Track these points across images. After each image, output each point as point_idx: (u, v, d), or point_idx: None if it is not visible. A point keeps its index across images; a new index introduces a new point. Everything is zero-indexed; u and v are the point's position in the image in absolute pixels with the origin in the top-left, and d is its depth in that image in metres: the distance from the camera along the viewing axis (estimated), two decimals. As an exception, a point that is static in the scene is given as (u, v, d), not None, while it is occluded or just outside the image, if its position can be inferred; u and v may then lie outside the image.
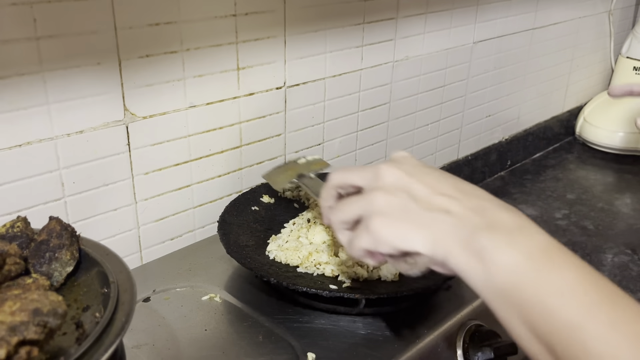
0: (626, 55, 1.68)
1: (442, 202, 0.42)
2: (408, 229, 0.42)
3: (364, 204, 0.44)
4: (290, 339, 0.60)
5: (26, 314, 0.36)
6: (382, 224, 0.43)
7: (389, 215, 0.43)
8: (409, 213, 0.42)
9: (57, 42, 0.62)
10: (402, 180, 0.44)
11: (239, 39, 0.79)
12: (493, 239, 0.39)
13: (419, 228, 0.41)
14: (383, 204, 0.43)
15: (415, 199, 0.42)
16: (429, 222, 0.41)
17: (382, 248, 0.43)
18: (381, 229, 0.43)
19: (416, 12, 1.05)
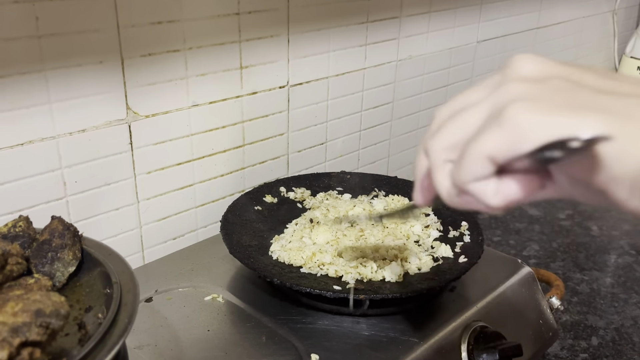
0: (630, 55, 1.67)
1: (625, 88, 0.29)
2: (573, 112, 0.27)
3: (491, 101, 0.30)
4: (294, 339, 0.60)
5: (28, 315, 0.35)
6: (526, 110, 0.28)
7: (536, 100, 0.28)
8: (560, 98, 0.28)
9: (59, 40, 0.61)
10: (548, 67, 0.30)
11: (242, 38, 0.78)
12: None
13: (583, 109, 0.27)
14: (524, 91, 0.29)
15: (575, 83, 0.29)
16: (608, 104, 0.28)
17: (526, 145, 0.28)
18: (525, 115, 0.28)
19: (420, 11, 1.04)
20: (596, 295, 0.98)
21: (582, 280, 1.03)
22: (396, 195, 0.82)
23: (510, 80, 0.30)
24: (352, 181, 0.86)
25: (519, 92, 0.29)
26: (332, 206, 0.78)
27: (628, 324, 0.92)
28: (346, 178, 0.86)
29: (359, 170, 1.05)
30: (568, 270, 1.06)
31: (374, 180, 0.86)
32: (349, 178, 0.86)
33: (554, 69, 0.31)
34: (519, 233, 1.19)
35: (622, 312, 0.94)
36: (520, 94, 0.29)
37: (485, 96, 0.31)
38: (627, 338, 0.89)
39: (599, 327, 0.91)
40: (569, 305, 0.96)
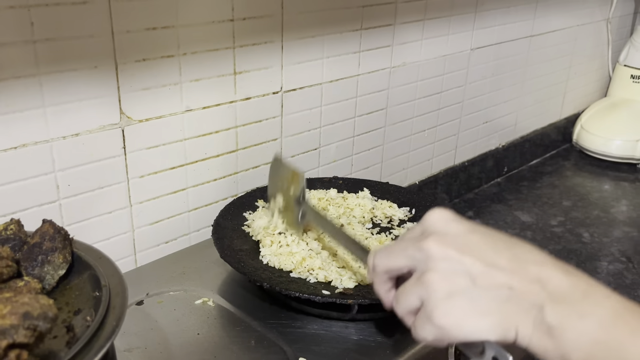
0: (624, 64, 1.69)
1: (501, 279, 0.39)
2: (474, 318, 0.39)
3: (421, 292, 0.41)
4: (283, 343, 0.60)
5: (16, 317, 0.36)
6: (445, 317, 0.40)
7: (451, 306, 0.40)
8: (471, 298, 0.39)
9: (54, 45, 0.62)
10: (454, 258, 0.40)
11: (236, 44, 0.79)
12: (561, 312, 0.38)
13: (485, 315, 0.39)
14: (443, 292, 0.40)
15: (473, 279, 0.40)
16: (493, 305, 0.39)
17: (451, 339, 0.40)
18: (446, 321, 0.40)
19: (414, 19, 1.05)
20: (586, 302, 0.99)
21: (572, 287, 1.03)
22: (386, 201, 0.83)
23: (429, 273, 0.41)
24: (344, 186, 0.87)
25: (438, 293, 0.40)
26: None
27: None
28: (338, 183, 0.87)
29: (352, 175, 1.06)
30: (559, 276, 1.06)
31: (367, 185, 0.86)
32: (341, 183, 0.87)
33: (456, 259, 0.40)
34: (511, 239, 1.19)
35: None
36: (438, 296, 0.40)
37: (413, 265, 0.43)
38: None
39: (588, 333, 0.92)
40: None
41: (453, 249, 0.41)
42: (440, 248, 0.41)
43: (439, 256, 0.41)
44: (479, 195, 1.39)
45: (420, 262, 0.42)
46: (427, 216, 0.44)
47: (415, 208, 0.82)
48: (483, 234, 0.42)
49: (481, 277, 0.40)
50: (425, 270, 0.41)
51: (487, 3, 1.21)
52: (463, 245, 0.41)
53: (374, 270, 0.46)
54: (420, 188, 1.23)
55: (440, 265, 0.41)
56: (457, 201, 1.36)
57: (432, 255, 0.41)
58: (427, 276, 0.41)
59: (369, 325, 0.64)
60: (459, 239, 0.42)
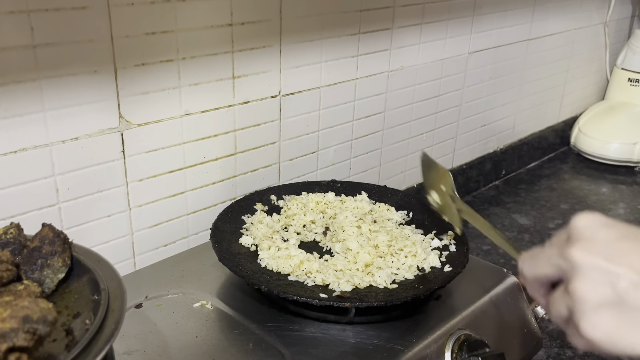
0: (621, 67, 1.69)
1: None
2: (625, 332, 0.36)
3: (569, 303, 0.39)
4: (281, 346, 0.61)
5: (16, 320, 0.36)
6: (592, 329, 0.37)
7: (597, 317, 0.37)
8: (622, 310, 0.37)
9: (54, 50, 0.63)
10: (602, 268, 0.37)
11: (235, 48, 0.80)
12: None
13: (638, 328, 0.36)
14: (588, 302, 0.37)
15: (625, 289, 0.37)
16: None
17: (605, 352, 0.38)
18: (593, 334, 0.37)
19: (412, 23, 1.06)
20: (583, 304, 0.99)
21: (569, 289, 1.04)
22: (383, 204, 0.83)
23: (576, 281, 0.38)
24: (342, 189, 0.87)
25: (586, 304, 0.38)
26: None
27: (614, 334, 0.93)
28: (336, 187, 0.88)
29: (350, 179, 1.06)
30: (556, 279, 1.07)
31: (364, 189, 0.87)
32: (339, 187, 0.88)
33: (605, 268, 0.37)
34: (509, 242, 1.20)
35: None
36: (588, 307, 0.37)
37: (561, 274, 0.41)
38: None
39: (585, 336, 0.92)
40: (556, 315, 0.97)
41: (601, 257, 0.38)
42: (586, 256, 0.38)
43: (585, 265, 0.38)
44: (477, 198, 1.40)
45: (566, 271, 0.39)
46: (574, 220, 0.41)
47: (413, 211, 0.83)
48: (635, 240, 0.39)
49: (633, 291, 0.37)
50: (572, 279, 0.39)
51: (484, 7, 1.21)
52: (613, 253, 0.38)
53: (524, 278, 0.45)
54: (418, 191, 1.24)
55: (587, 274, 0.38)
56: (455, 204, 1.36)
57: (578, 264, 0.38)
58: (573, 286, 0.38)
59: (366, 328, 0.64)
60: (608, 246, 0.38)
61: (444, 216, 0.74)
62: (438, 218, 0.80)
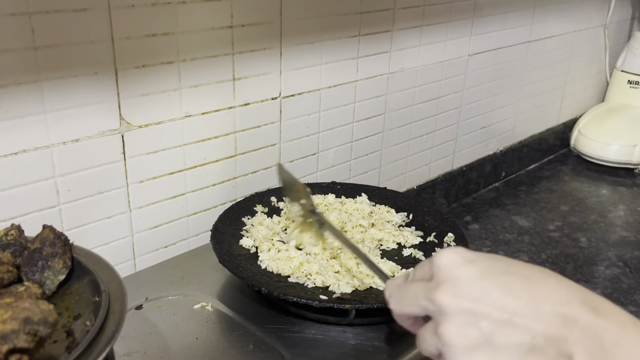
0: (621, 69, 1.70)
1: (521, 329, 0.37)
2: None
3: (439, 345, 0.39)
4: (281, 348, 0.61)
5: (17, 322, 0.37)
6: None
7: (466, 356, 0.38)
8: (491, 353, 0.37)
9: (54, 51, 0.63)
10: (467, 311, 0.38)
11: (235, 50, 0.80)
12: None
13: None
14: (458, 346, 0.38)
15: (491, 331, 0.37)
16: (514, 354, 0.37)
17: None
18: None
19: (412, 25, 1.06)
20: (583, 306, 1.00)
21: (569, 291, 1.04)
22: (384, 206, 0.83)
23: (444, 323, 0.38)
24: (342, 191, 0.87)
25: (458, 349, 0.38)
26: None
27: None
28: (336, 188, 0.88)
29: (350, 180, 1.06)
30: (556, 281, 1.07)
31: (364, 190, 0.87)
32: (339, 188, 0.88)
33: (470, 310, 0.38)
34: (509, 244, 1.20)
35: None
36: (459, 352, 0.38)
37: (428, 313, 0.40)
38: (612, 349, 0.90)
39: (585, 338, 0.92)
40: (556, 316, 0.97)
41: (466, 299, 0.38)
42: (451, 300, 0.38)
43: (451, 309, 0.38)
44: (477, 200, 1.40)
45: (433, 313, 0.40)
46: (437, 258, 0.41)
47: (413, 213, 0.83)
48: (497, 275, 0.39)
49: (499, 329, 0.37)
50: (439, 323, 0.39)
51: (484, 9, 1.22)
52: (476, 294, 0.38)
53: (392, 312, 0.45)
54: (418, 193, 1.24)
55: (454, 318, 0.38)
56: (455, 206, 1.36)
57: (443, 308, 0.39)
58: (442, 329, 0.39)
59: (367, 330, 0.64)
60: (471, 286, 0.39)
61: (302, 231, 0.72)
62: (439, 220, 0.80)
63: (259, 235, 0.73)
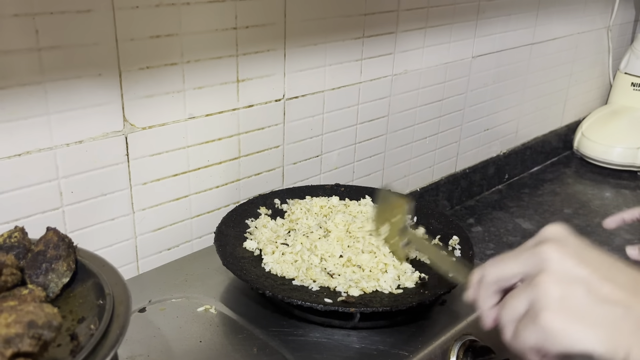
0: (624, 71, 1.69)
1: (619, 295, 0.38)
2: (582, 327, 0.37)
3: (534, 294, 0.39)
4: (285, 351, 0.60)
5: (21, 326, 0.36)
6: (554, 320, 0.38)
7: (562, 310, 0.38)
8: (584, 306, 0.38)
9: (58, 53, 0.63)
10: (571, 265, 0.39)
11: (239, 52, 0.79)
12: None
13: (595, 326, 0.37)
14: (556, 295, 0.38)
15: (589, 289, 0.38)
16: (607, 319, 0.37)
17: (552, 346, 0.38)
18: (554, 325, 0.38)
19: (416, 27, 1.06)
20: (587, 310, 0.99)
21: (573, 294, 1.03)
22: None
23: (545, 276, 0.39)
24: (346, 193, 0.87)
25: (552, 296, 0.38)
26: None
27: (618, 339, 0.92)
28: (340, 190, 0.87)
29: (353, 182, 1.06)
30: (560, 284, 1.06)
31: (369, 193, 0.87)
32: (343, 191, 0.87)
33: (577, 268, 0.39)
34: (512, 246, 1.19)
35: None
36: (552, 300, 0.38)
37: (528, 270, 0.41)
38: (617, 353, 0.89)
39: (589, 341, 0.92)
40: (560, 320, 0.96)
41: (571, 256, 0.39)
42: (557, 253, 0.39)
43: (555, 260, 0.39)
44: (480, 202, 1.40)
45: (534, 267, 0.40)
46: (545, 229, 0.42)
47: (417, 216, 0.82)
48: (602, 252, 0.41)
49: (598, 289, 0.38)
50: (540, 273, 0.39)
51: (488, 11, 1.21)
52: (582, 256, 0.39)
53: (483, 281, 0.44)
54: (421, 195, 1.23)
55: (557, 268, 0.39)
56: (458, 208, 1.36)
57: (548, 259, 0.39)
58: (541, 278, 0.39)
59: (371, 333, 0.64)
60: (578, 249, 0.40)
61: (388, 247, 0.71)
62: (443, 223, 0.80)
63: (263, 238, 0.73)
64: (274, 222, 0.78)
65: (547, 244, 0.40)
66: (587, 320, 0.37)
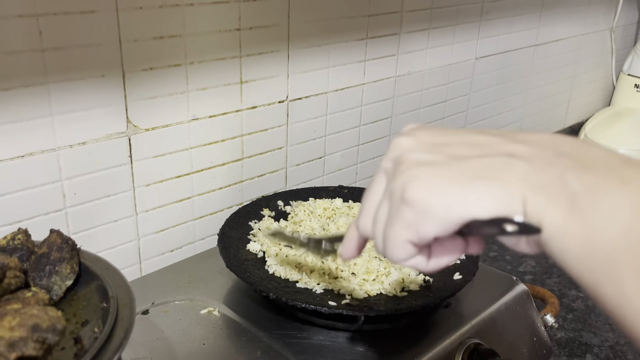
0: (628, 73, 1.69)
1: (497, 147, 0.30)
2: (463, 185, 0.28)
3: (391, 174, 0.32)
4: (289, 354, 0.60)
5: (25, 329, 0.36)
6: (420, 187, 0.29)
7: (428, 175, 0.30)
8: (457, 166, 0.29)
9: (62, 54, 0.62)
10: (429, 139, 0.32)
11: (243, 53, 0.79)
12: (592, 177, 0.27)
13: (474, 180, 0.28)
14: (412, 160, 0.31)
15: (458, 153, 0.30)
16: (487, 170, 0.29)
17: (428, 228, 0.29)
18: (421, 193, 0.29)
19: (419, 28, 1.05)
20: (591, 312, 0.99)
21: (577, 297, 1.03)
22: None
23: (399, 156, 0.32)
24: (349, 195, 0.86)
25: (410, 164, 0.31)
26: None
27: (622, 342, 0.92)
28: (343, 192, 0.87)
29: (356, 184, 1.06)
30: (564, 286, 1.06)
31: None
32: (346, 192, 0.87)
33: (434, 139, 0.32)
34: (516, 249, 1.19)
35: (617, 330, 0.94)
36: (411, 170, 0.30)
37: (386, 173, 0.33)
38: (622, 356, 0.89)
39: (593, 344, 0.91)
40: (564, 322, 0.96)
41: (425, 133, 0.32)
42: (407, 137, 0.33)
43: (406, 143, 0.32)
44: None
45: (389, 164, 0.33)
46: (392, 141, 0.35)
47: (421, 218, 0.82)
48: (461, 129, 0.33)
49: (467, 150, 0.30)
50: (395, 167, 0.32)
51: (491, 12, 1.21)
52: (438, 130, 0.33)
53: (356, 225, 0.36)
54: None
55: (409, 146, 0.32)
56: (461, 210, 1.35)
57: (399, 147, 0.32)
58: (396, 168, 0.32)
59: (376, 336, 0.63)
60: (435, 128, 0.33)
61: None
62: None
63: (267, 240, 0.73)
64: (278, 224, 0.78)
65: (397, 137, 0.33)
66: (462, 176, 0.29)
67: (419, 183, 0.29)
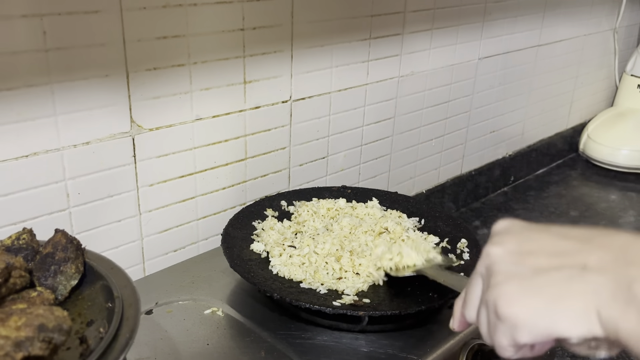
0: (630, 73, 1.69)
1: (576, 257, 0.34)
2: (545, 305, 0.33)
3: (486, 281, 0.37)
4: (292, 355, 0.60)
5: (31, 329, 0.36)
6: (509, 305, 0.34)
7: (514, 293, 0.34)
8: (539, 280, 0.34)
9: (66, 54, 0.62)
10: (515, 248, 0.37)
11: (246, 53, 0.79)
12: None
13: (557, 301, 0.33)
14: (502, 274, 0.35)
15: (539, 265, 0.35)
16: (567, 282, 0.33)
17: (523, 338, 0.34)
18: (509, 311, 0.34)
19: (422, 28, 1.05)
20: (595, 313, 0.99)
21: (581, 298, 1.03)
22: (395, 211, 0.82)
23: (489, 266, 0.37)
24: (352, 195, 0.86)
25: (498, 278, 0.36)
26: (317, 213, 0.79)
27: (626, 343, 0.92)
28: (347, 192, 0.87)
29: (359, 184, 1.06)
30: (567, 287, 1.06)
31: (375, 195, 0.86)
32: (349, 193, 0.87)
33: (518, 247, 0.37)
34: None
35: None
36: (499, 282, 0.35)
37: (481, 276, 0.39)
38: (626, 357, 0.89)
39: (597, 345, 0.91)
40: (567, 323, 0.96)
41: (514, 239, 0.37)
42: (497, 247, 0.37)
43: (497, 254, 0.37)
44: (485, 204, 1.39)
45: (486, 275, 0.38)
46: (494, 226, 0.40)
47: (425, 218, 0.82)
48: (550, 228, 0.38)
49: (547, 260, 0.35)
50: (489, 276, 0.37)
51: (494, 13, 1.21)
52: (524, 236, 0.37)
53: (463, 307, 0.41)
54: (427, 197, 1.23)
55: (500, 259, 0.37)
56: (464, 210, 1.35)
57: (491, 257, 0.37)
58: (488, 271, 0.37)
59: (379, 337, 0.63)
60: (521, 233, 0.38)
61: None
62: (451, 225, 0.80)
63: (270, 240, 0.73)
64: (281, 224, 0.78)
65: (488, 246, 0.38)
66: (547, 294, 0.33)
67: (507, 301, 0.35)
